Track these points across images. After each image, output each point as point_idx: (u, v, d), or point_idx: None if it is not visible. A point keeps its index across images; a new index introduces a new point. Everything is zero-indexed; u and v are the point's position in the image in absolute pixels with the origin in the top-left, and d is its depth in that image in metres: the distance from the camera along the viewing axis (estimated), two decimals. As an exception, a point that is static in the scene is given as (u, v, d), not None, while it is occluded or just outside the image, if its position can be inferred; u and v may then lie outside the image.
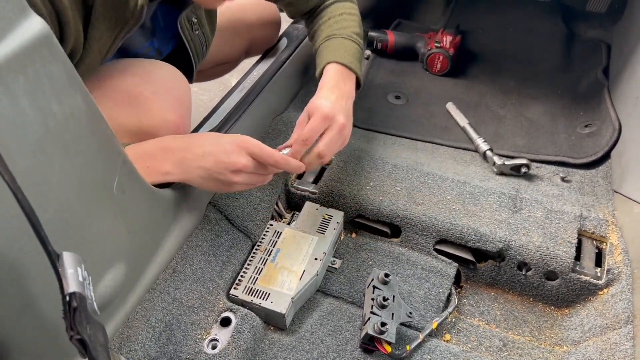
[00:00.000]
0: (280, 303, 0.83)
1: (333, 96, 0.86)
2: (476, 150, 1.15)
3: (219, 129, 0.99)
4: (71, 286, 0.42)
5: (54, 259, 0.42)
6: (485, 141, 1.13)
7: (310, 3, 1.02)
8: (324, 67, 0.92)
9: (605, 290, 0.88)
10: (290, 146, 0.82)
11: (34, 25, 0.48)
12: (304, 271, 0.87)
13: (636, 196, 0.94)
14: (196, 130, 1.01)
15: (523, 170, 1.06)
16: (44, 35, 0.49)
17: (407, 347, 0.81)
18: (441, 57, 1.37)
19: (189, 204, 0.84)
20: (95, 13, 0.69)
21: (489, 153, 1.11)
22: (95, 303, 0.45)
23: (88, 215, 0.59)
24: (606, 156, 1.11)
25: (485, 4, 1.67)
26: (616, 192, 1.02)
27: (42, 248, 0.40)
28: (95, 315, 0.44)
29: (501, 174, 1.08)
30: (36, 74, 0.48)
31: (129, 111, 0.78)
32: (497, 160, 1.08)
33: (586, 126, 1.20)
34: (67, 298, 0.41)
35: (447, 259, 0.95)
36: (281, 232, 0.94)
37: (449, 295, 0.91)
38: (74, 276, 0.43)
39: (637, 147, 1.01)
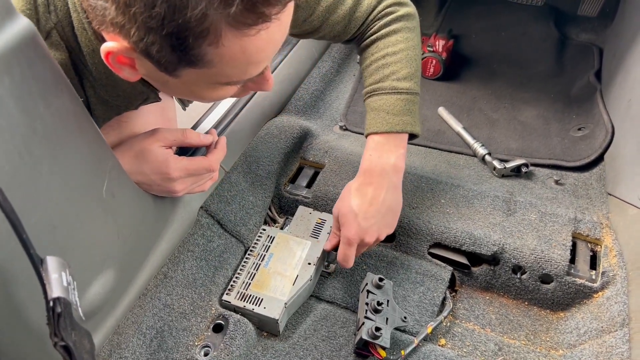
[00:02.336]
0: (273, 308, 0.82)
1: (366, 202, 0.82)
2: (474, 155, 1.15)
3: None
4: (55, 291, 0.41)
5: (37, 264, 0.41)
6: (482, 145, 1.13)
7: (342, 36, 0.88)
8: (366, 136, 0.87)
9: (600, 293, 0.87)
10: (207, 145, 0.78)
11: (20, 26, 0.47)
12: (297, 276, 0.87)
13: (630, 198, 0.94)
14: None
15: (524, 170, 1.07)
16: (30, 36, 0.48)
17: (402, 352, 0.80)
18: (434, 62, 1.37)
19: (181, 208, 0.83)
20: (92, 106, 0.68)
21: (488, 157, 1.11)
22: (80, 309, 0.44)
23: (76, 219, 0.58)
24: (599, 159, 1.11)
25: (477, 9, 1.68)
26: (610, 194, 1.02)
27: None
28: (81, 322, 0.43)
29: (502, 176, 1.08)
30: (22, 75, 0.47)
31: None
32: (498, 165, 1.08)
33: (579, 129, 1.20)
34: (51, 303, 0.40)
35: (441, 263, 0.94)
36: (274, 237, 0.93)
37: (444, 299, 0.90)
38: (58, 281, 0.41)
39: (630, 150, 1.01)
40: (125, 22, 0.48)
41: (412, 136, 0.87)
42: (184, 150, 0.90)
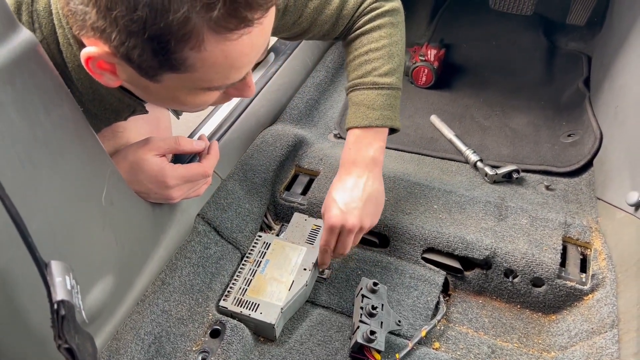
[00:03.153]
0: (269, 314, 0.83)
1: (347, 190, 0.84)
2: (466, 161, 1.17)
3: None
4: (59, 294, 0.42)
5: (42, 267, 0.42)
6: (474, 152, 1.15)
7: (330, 35, 0.89)
8: (347, 130, 0.89)
9: (590, 296, 0.89)
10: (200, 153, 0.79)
11: (22, 38, 0.49)
12: (293, 281, 0.88)
13: (618, 202, 0.96)
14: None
15: (515, 176, 1.09)
16: (32, 47, 0.49)
17: (397, 355, 0.82)
18: (426, 70, 1.39)
19: (178, 215, 0.84)
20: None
21: (480, 164, 1.13)
22: (84, 312, 0.45)
23: (76, 225, 0.59)
24: (589, 164, 1.13)
25: (468, 18, 1.71)
26: (599, 199, 1.04)
27: (30, 258, 0.40)
28: (84, 325, 0.44)
29: (494, 182, 1.10)
30: (24, 84, 0.48)
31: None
32: (489, 171, 1.10)
33: (569, 135, 1.23)
34: (55, 306, 0.41)
35: (434, 268, 0.96)
36: (270, 243, 0.94)
37: (437, 303, 0.91)
38: (62, 284, 0.43)
39: (618, 155, 1.03)
40: (106, 25, 0.48)
41: (393, 131, 0.89)
42: (181, 157, 0.91)
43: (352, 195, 0.83)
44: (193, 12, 0.46)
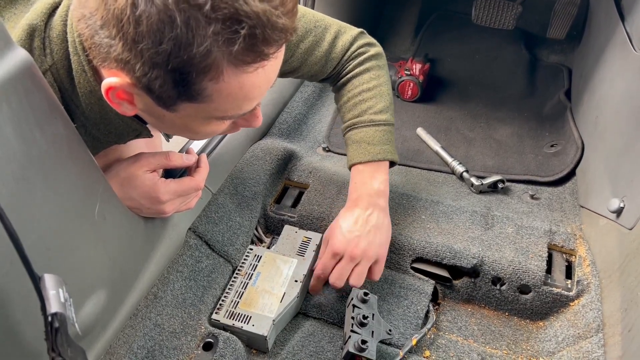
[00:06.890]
0: (261, 326, 0.84)
1: (352, 220, 0.87)
2: (452, 172, 1.19)
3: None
4: (53, 307, 0.43)
5: (36, 281, 0.43)
6: (460, 163, 1.18)
7: (319, 75, 0.95)
8: (350, 168, 0.93)
9: (576, 301, 0.91)
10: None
11: (18, 57, 0.50)
12: (284, 293, 0.89)
13: (600, 210, 0.98)
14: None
15: (500, 185, 1.12)
16: (27, 67, 0.51)
17: (388, 364, 0.82)
18: (411, 84, 1.42)
19: (169, 230, 0.85)
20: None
21: (465, 175, 1.15)
22: (77, 324, 0.46)
23: (69, 241, 0.60)
24: (572, 173, 1.16)
25: (451, 33, 1.75)
26: (582, 207, 1.07)
27: (24, 273, 0.41)
28: (77, 337, 0.45)
29: (480, 192, 1.12)
30: (19, 103, 0.49)
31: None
32: (475, 182, 1.12)
33: (552, 146, 1.26)
34: (49, 318, 0.42)
35: (423, 277, 0.97)
36: (261, 256, 0.95)
37: (427, 312, 0.93)
38: (55, 297, 0.43)
39: (598, 164, 1.06)
40: (131, 57, 0.50)
41: (392, 164, 0.94)
42: (171, 171, 0.92)
43: (357, 224, 0.87)
44: (215, 46, 0.49)
